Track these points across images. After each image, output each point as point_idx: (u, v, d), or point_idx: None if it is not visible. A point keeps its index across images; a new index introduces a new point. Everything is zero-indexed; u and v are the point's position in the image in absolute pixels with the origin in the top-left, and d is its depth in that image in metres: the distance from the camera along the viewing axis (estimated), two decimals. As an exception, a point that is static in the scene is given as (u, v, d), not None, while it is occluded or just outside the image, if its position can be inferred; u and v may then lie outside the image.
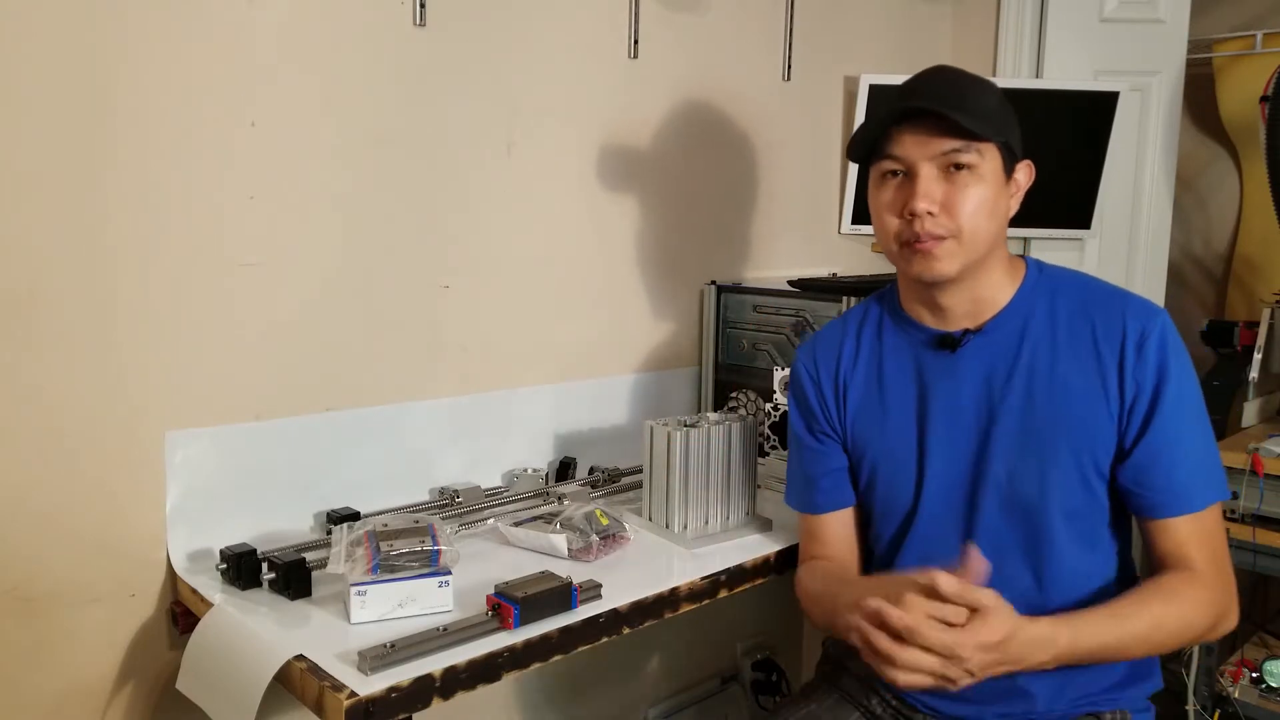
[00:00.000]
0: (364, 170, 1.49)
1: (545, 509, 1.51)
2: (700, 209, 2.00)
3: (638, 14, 1.82)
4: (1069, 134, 2.00)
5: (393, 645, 1.06)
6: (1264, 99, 2.22)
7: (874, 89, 2.07)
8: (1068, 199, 2.04)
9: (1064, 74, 2.35)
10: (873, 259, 2.41)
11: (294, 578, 1.24)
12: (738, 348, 1.99)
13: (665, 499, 1.48)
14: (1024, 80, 2.36)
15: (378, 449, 1.54)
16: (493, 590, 1.17)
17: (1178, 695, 1.98)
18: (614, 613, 1.23)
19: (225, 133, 1.35)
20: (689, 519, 1.48)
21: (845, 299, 1.79)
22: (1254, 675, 1.98)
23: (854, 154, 1.21)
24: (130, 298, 1.29)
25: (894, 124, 1.16)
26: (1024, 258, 1.26)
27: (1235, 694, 1.95)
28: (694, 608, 1.33)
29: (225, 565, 1.29)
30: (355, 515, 1.44)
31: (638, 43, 1.83)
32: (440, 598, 1.18)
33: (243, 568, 1.27)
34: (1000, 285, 1.22)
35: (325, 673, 1.04)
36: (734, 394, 1.96)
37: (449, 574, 1.19)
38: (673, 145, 1.93)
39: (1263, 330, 2.13)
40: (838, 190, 2.29)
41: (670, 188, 1.94)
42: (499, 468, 1.71)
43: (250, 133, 1.37)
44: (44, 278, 1.22)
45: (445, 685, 1.06)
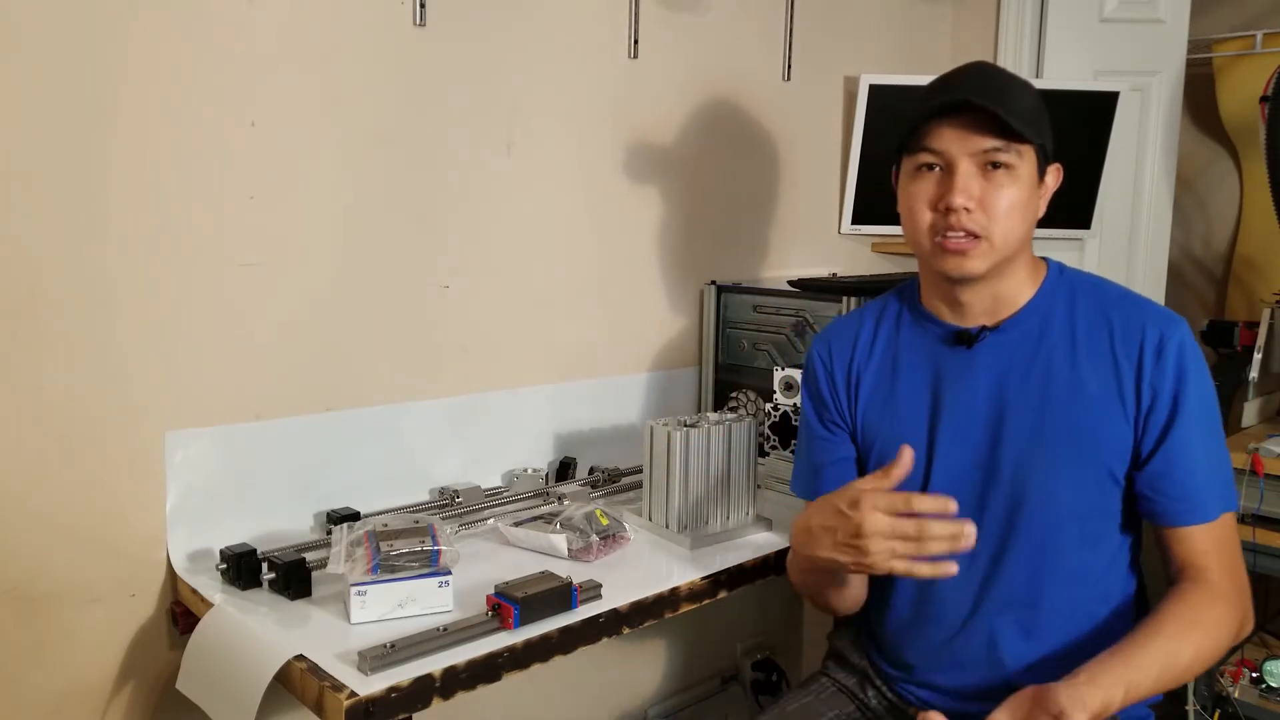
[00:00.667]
0: (364, 170, 1.49)
1: (545, 509, 1.51)
2: (700, 209, 2.00)
3: (638, 14, 1.82)
4: (1069, 134, 1.99)
5: (393, 645, 1.06)
6: (1264, 99, 2.22)
7: (874, 89, 2.07)
8: (1068, 199, 2.02)
9: (1064, 74, 2.35)
10: (872, 259, 2.41)
11: (294, 578, 1.24)
12: (738, 348, 1.99)
13: (665, 499, 1.48)
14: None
15: (378, 449, 1.54)
16: (493, 590, 1.17)
17: (1178, 695, 1.98)
18: (614, 613, 1.23)
19: (225, 133, 1.35)
20: (689, 519, 1.47)
21: (845, 299, 1.79)
22: (1254, 675, 1.98)
23: (894, 143, 1.20)
24: (130, 298, 1.29)
25: (935, 116, 1.14)
26: (1046, 259, 1.25)
27: (1235, 694, 1.95)
28: (694, 608, 1.33)
29: (225, 565, 1.29)
30: (355, 515, 1.44)
31: (638, 43, 1.83)
32: (440, 598, 1.18)
33: (243, 568, 1.27)
34: (1021, 285, 1.21)
35: (325, 673, 1.04)
36: (734, 394, 1.96)
37: (449, 574, 1.19)
38: (672, 145, 1.93)
39: (1263, 330, 2.13)
40: (838, 190, 2.29)
41: (670, 188, 1.94)
42: (499, 468, 1.71)
43: (250, 133, 1.37)
44: (44, 278, 1.22)
45: (445, 685, 1.06)
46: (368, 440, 1.53)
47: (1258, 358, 2.11)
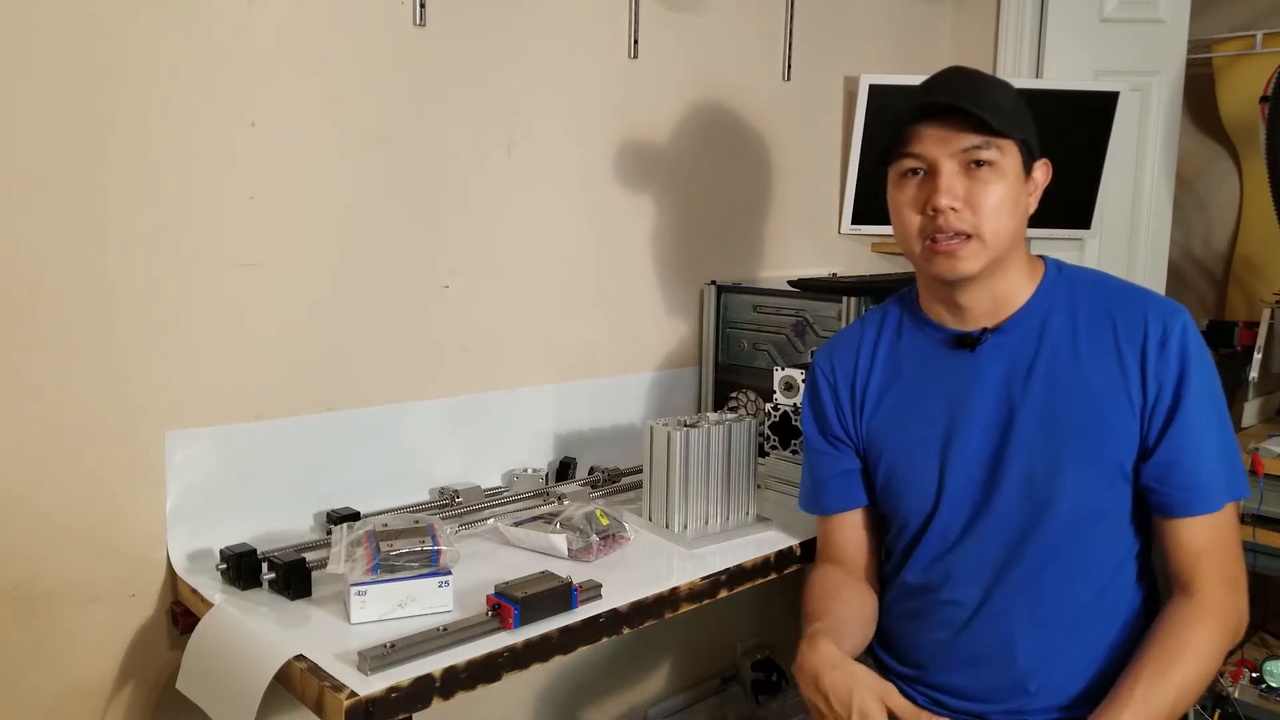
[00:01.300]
0: (364, 170, 1.49)
1: (545, 509, 1.51)
2: (700, 209, 2.00)
3: (638, 14, 1.82)
4: (1069, 134, 2.00)
5: (393, 645, 1.06)
6: (1264, 99, 2.22)
7: (874, 89, 2.07)
8: (1068, 199, 2.03)
9: (1064, 74, 2.35)
10: (872, 259, 2.41)
11: (294, 578, 1.24)
12: (738, 348, 1.99)
13: (665, 499, 1.48)
14: (1024, 80, 2.35)
15: (378, 449, 1.54)
16: (493, 590, 1.17)
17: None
18: (614, 613, 1.23)
19: (225, 133, 1.35)
20: (689, 519, 1.47)
21: (845, 299, 1.79)
22: (1254, 675, 1.97)
23: (877, 154, 1.22)
24: (130, 298, 1.29)
25: (913, 122, 1.16)
26: (1043, 257, 1.26)
27: (1235, 694, 1.95)
28: (694, 608, 1.33)
29: (225, 565, 1.29)
30: (355, 515, 1.44)
31: (638, 43, 1.83)
32: (440, 598, 1.18)
33: (243, 568, 1.27)
34: (1019, 284, 1.21)
35: (325, 673, 1.04)
36: (734, 394, 1.96)
37: (449, 574, 1.19)
38: (673, 145, 1.93)
39: (1263, 330, 2.13)
40: (838, 190, 2.29)
41: (670, 188, 1.94)
42: (499, 468, 1.71)
43: (250, 133, 1.37)
44: (44, 278, 1.22)
45: (445, 685, 1.06)
46: (368, 440, 1.53)
47: (1258, 358, 2.11)
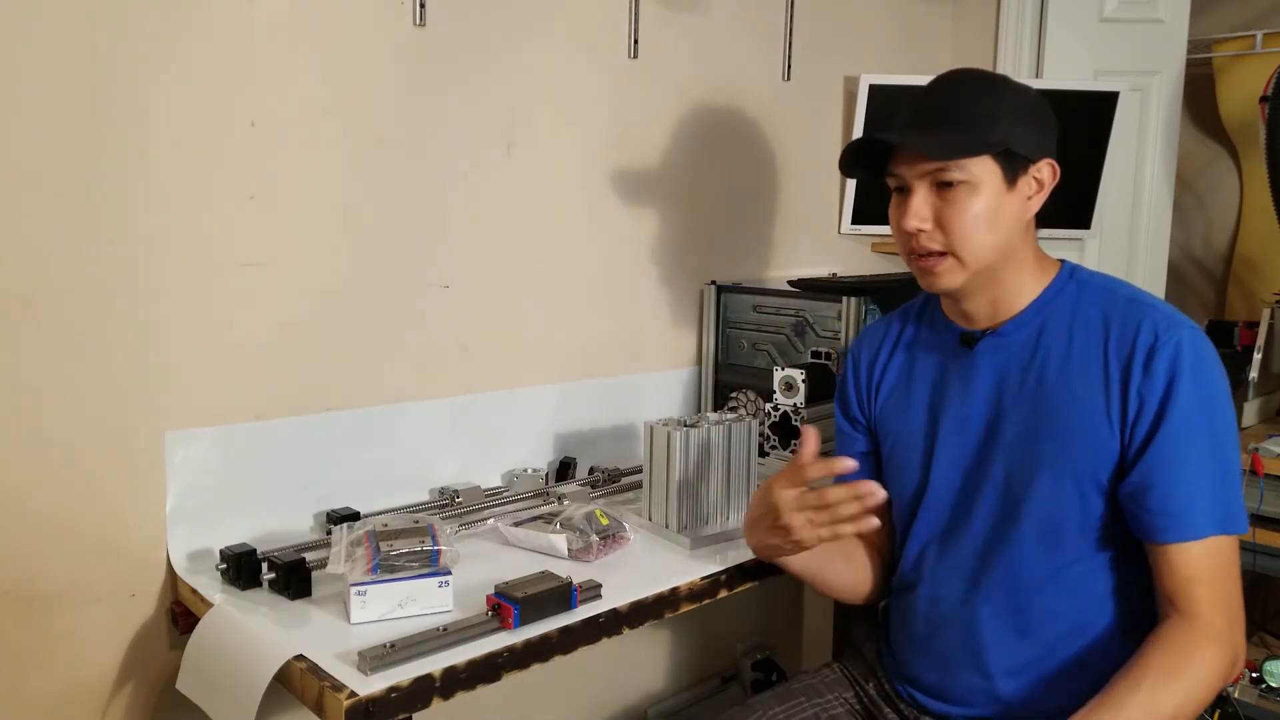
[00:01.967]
0: (364, 170, 1.49)
1: (545, 509, 1.51)
2: (700, 209, 2.00)
3: (638, 14, 1.82)
4: (1069, 134, 1.99)
5: (393, 645, 1.06)
6: (1264, 99, 2.22)
7: (874, 89, 2.07)
8: (1067, 199, 2.03)
9: (1064, 74, 2.35)
10: (873, 259, 2.41)
11: (294, 578, 1.24)
12: (738, 348, 1.99)
13: (665, 499, 1.48)
14: (1024, 80, 2.36)
15: (378, 449, 1.54)
16: (493, 590, 1.17)
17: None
18: (614, 613, 1.23)
19: (225, 133, 1.35)
20: (689, 519, 1.47)
21: (845, 299, 1.79)
22: (1254, 675, 1.97)
23: (844, 171, 1.25)
24: (130, 298, 1.29)
25: (860, 151, 1.19)
26: (1061, 261, 1.24)
27: (1235, 694, 1.95)
28: (694, 608, 1.33)
29: (225, 565, 1.29)
30: (355, 515, 1.44)
31: (638, 43, 1.83)
32: (440, 598, 1.18)
33: (243, 568, 1.27)
34: (1022, 288, 1.20)
35: (325, 673, 1.04)
36: (734, 394, 1.96)
37: (449, 574, 1.19)
38: (673, 145, 1.93)
39: (1263, 330, 2.13)
40: (838, 190, 2.29)
41: (670, 188, 1.94)
42: (499, 468, 1.71)
43: (250, 133, 1.37)
44: (44, 278, 1.22)
45: (445, 685, 1.06)
46: (368, 440, 1.53)
47: (1258, 358, 2.11)
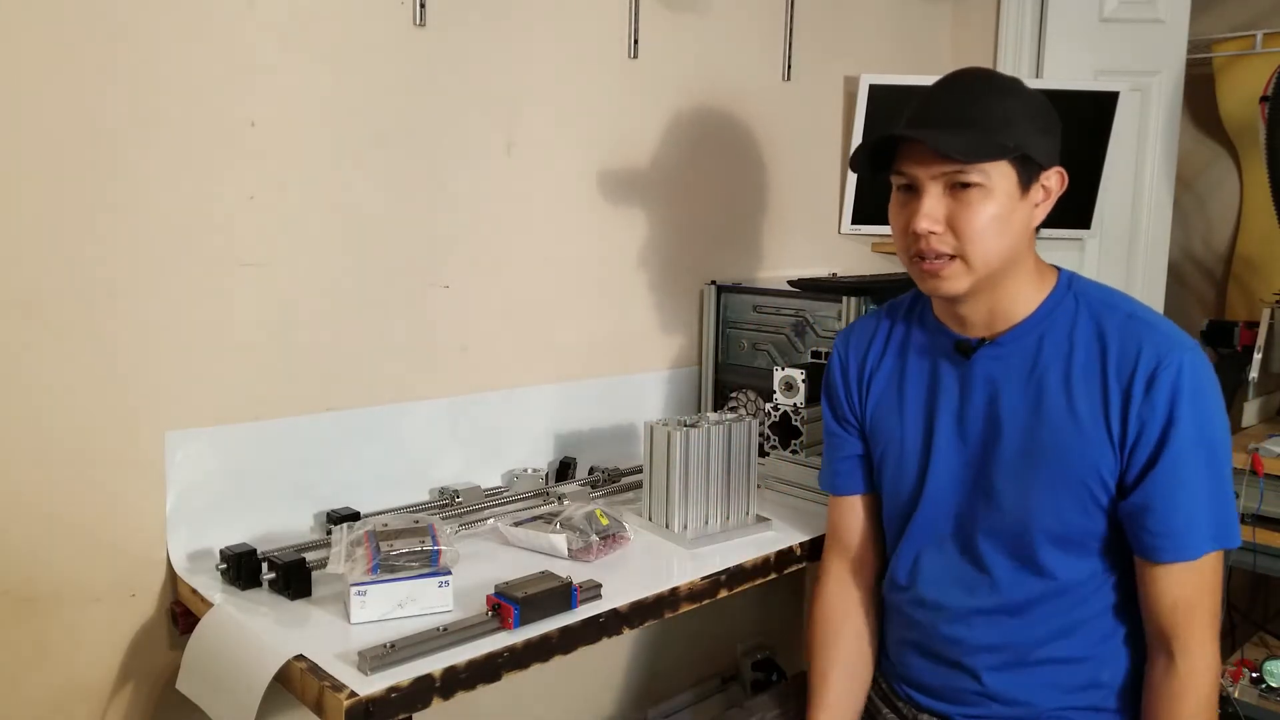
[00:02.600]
0: (364, 170, 1.49)
1: (545, 509, 1.51)
2: (700, 209, 2.00)
3: (638, 14, 1.82)
4: (1069, 134, 1.99)
5: (393, 645, 1.06)
6: (1264, 99, 2.22)
7: (874, 89, 2.07)
8: (1067, 199, 2.02)
9: (1064, 74, 2.35)
10: (873, 259, 2.41)
11: (294, 578, 1.24)
12: (738, 348, 1.99)
13: (665, 499, 1.48)
14: (1024, 81, 2.36)
15: (378, 449, 1.54)
16: (493, 590, 1.17)
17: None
18: (614, 613, 1.23)
19: (225, 133, 1.35)
20: (689, 519, 1.47)
21: (845, 299, 1.79)
22: (1254, 675, 1.97)
23: (855, 168, 1.18)
24: (130, 298, 1.29)
25: (879, 148, 1.14)
26: (1058, 269, 1.21)
27: (1235, 694, 1.95)
28: (694, 608, 1.33)
29: (225, 565, 1.29)
30: (355, 515, 1.44)
31: (638, 43, 1.83)
32: (440, 598, 1.18)
33: (243, 568, 1.27)
34: (1022, 296, 1.17)
35: (325, 673, 1.04)
36: (734, 394, 1.96)
37: (449, 574, 1.19)
38: (673, 145, 1.93)
39: (1263, 330, 2.13)
40: (838, 190, 2.29)
41: (670, 188, 1.94)
42: (499, 468, 1.71)
43: (250, 133, 1.37)
44: (44, 278, 1.22)
45: (445, 685, 1.06)
46: (368, 440, 1.53)
47: (1258, 358, 2.11)
